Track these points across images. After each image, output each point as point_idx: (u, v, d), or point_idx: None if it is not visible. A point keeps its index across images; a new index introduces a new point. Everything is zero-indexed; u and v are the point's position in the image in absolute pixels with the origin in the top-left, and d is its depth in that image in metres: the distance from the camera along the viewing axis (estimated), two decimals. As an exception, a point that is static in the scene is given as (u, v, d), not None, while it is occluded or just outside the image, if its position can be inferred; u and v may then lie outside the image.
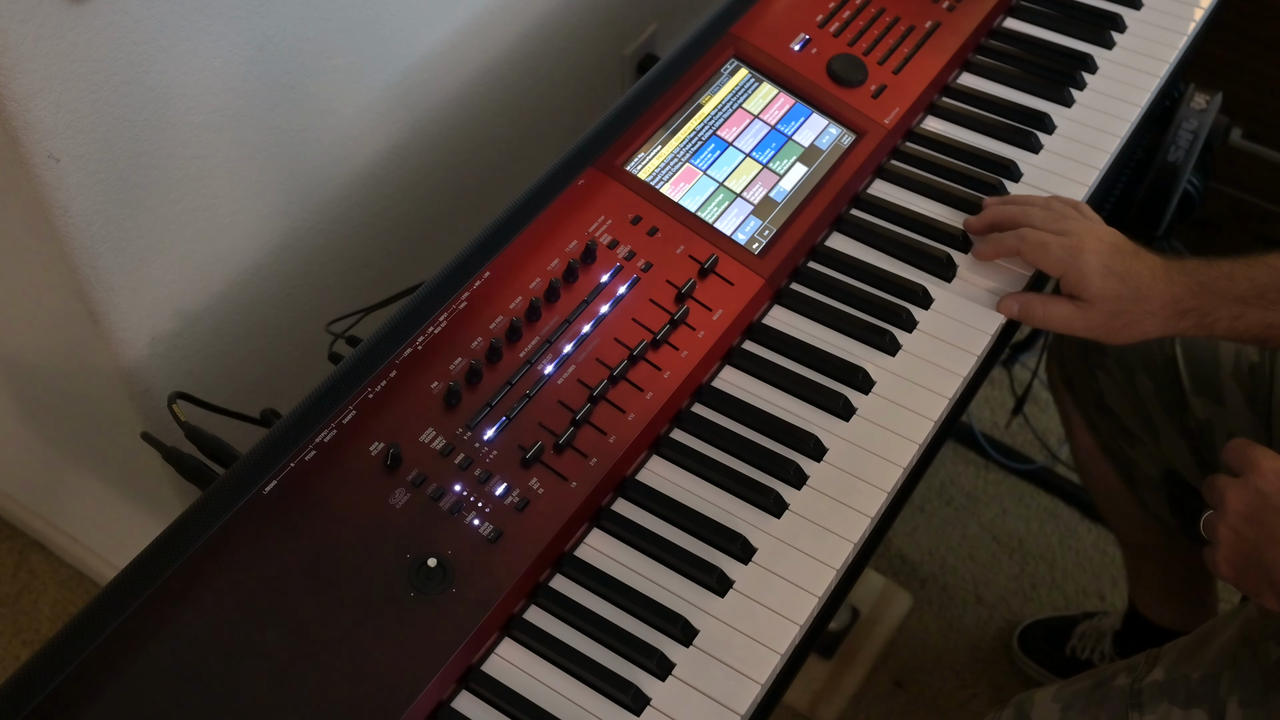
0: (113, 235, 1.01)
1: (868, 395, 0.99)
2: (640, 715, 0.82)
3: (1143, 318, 1.02)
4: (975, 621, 1.76)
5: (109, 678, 0.77)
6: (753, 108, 1.13)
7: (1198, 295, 1.01)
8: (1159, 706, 1.01)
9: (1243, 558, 0.91)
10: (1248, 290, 1.01)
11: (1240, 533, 0.91)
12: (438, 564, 0.83)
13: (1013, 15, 1.30)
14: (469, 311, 0.95)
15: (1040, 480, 1.91)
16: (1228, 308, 1.01)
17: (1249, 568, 0.91)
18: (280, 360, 1.27)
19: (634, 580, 0.88)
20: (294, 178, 1.17)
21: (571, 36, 1.48)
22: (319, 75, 1.13)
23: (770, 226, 1.06)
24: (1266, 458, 0.92)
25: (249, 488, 0.85)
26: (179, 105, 1.00)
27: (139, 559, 0.82)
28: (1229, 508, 0.92)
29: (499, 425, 0.90)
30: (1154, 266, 1.02)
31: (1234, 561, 0.92)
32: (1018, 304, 1.04)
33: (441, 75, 1.30)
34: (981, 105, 1.21)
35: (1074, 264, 1.02)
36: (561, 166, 1.05)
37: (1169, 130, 1.41)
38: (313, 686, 0.78)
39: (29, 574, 1.72)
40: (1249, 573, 0.91)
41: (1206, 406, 1.24)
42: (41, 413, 1.40)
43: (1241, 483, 0.92)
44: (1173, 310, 1.02)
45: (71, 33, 0.88)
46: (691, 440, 0.96)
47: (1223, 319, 1.02)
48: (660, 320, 0.98)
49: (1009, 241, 1.05)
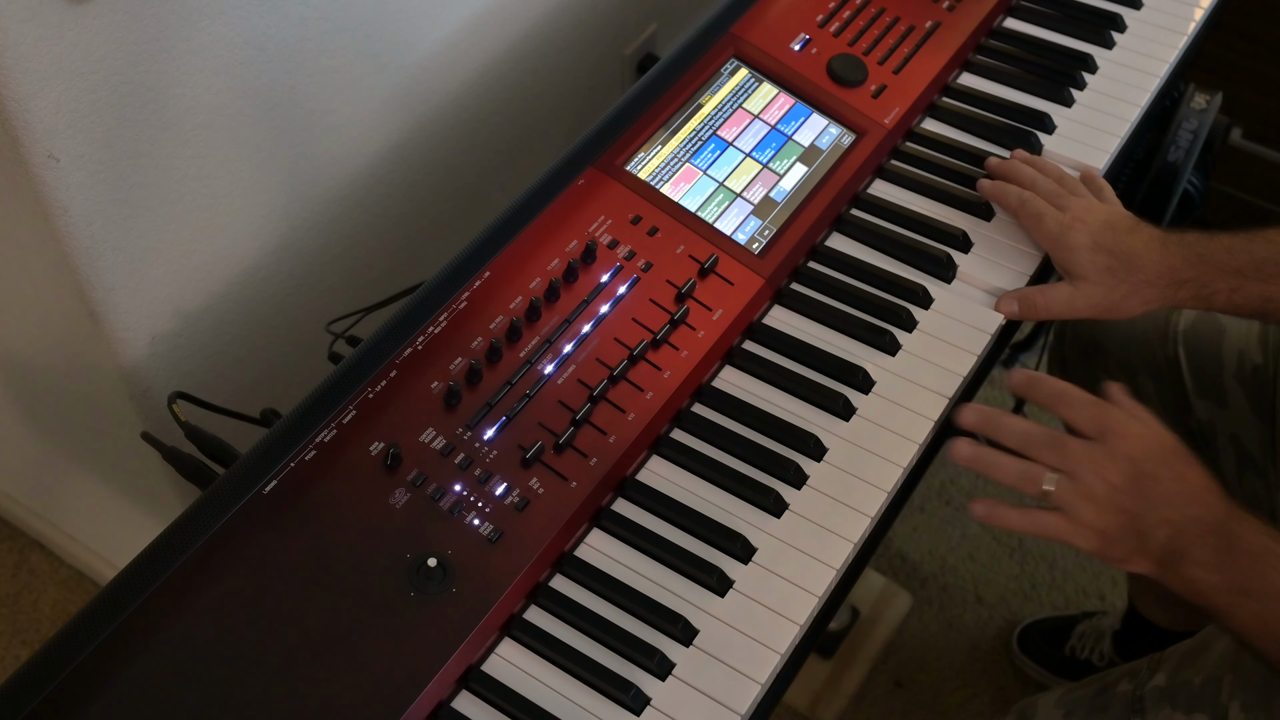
0: (113, 235, 1.01)
1: (868, 395, 0.99)
2: (640, 715, 0.82)
3: (1140, 287, 1.02)
4: (975, 621, 1.76)
5: (109, 678, 0.77)
6: (753, 107, 1.13)
7: (1195, 266, 1.02)
8: (1161, 711, 1.01)
9: (1117, 528, 0.87)
10: (1246, 263, 1.02)
11: (1115, 503, 0.86)
12: (438, 564, 0.83)
13: (1013, 15, 1.30)
14: (469, 311, 0.95)
15: (1040, 480, 1.91)
16: (1226, 280, 1.02)
17: (1121, 537, 0.87)
18: (280, 360, 1.27)
19: (634, 580, 0.88)
20: (294, 178, 1.17)
21: (571, 36, 1.48)
22: (319, 75, 1.13)
23: (770, 226, 1.06)
24: (1124, 420, 0.89)
25: (249, 488, 0.85)
26: (179, 105, 1.00)
27: (139, 559, 0.82)
28: (1098, 479, 0.87)
29: (499, 425, 0.90)
30: (1149, 239, 1.03)
31: (1106, 532, 0.87)
32: (1016, 300, 1.04)
33: (441, 75, 1.30)
34: (981, 105, 1.21)
35: (1063, 238, 1.03)
36: (561, 166, 1.05)
37: (1169, 130, 1.41)
38: (313, 686, 0.78)
39: (29, 574, 1.72)
40: (1119, 543, 0.87)
41: (1209, 408, 1.24)
42: (41, 413, 1.40)
43: (1106, 451, 0.88)
44: (1170, 280, 1.02)
45: (71, 33, 0.88)
46: (691, 440, 0.96)
47: (1221, 291, 1.02)
48: (660, 320, 0.98)
49: (1011, 198, 1.08)
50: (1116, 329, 1.31)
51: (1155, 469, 0.87)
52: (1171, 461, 0.88)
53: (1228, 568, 0.85)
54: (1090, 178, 1.11)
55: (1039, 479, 0.88)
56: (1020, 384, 0.95)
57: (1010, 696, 1.68)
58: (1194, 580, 0.85)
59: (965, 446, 0.91)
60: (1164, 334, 1.27)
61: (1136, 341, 1.29)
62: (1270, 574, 0.84)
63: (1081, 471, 0.87)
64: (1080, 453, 0.88)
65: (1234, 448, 1.23)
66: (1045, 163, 1.12)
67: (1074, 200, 1.06)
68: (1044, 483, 0.88)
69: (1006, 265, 1.08)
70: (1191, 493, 0.87)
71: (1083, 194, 1.08)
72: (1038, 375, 0.95)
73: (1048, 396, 0.93)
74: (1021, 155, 1.13)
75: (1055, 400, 0.92)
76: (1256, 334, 1.22)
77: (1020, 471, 0.89)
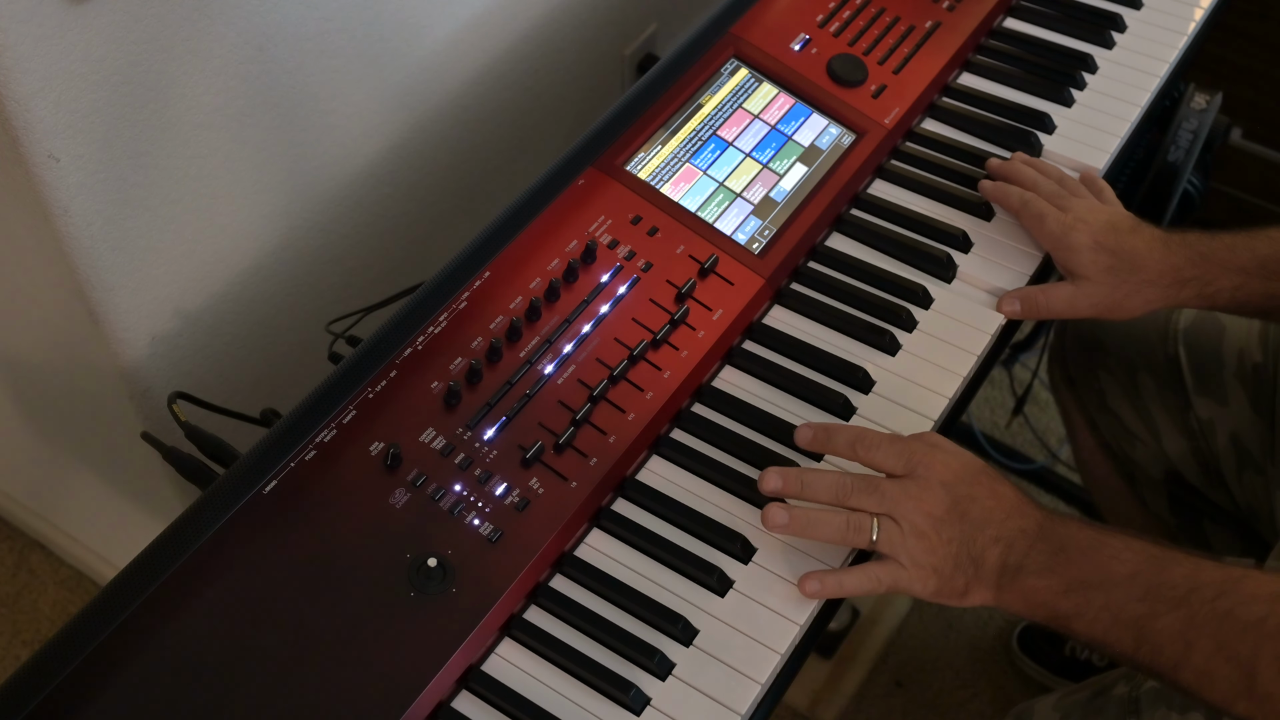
0: (113, 235, 1.01)
1: (868, 395, 0.99)
2: (640, 715, 0.82)
3: (1142, 287, 1.02)
4: (975, 621, 1.76)
5: (109, 678, 0.77)
6: (753, 107, 1.13)
7: (1198, 265, 1.02)
8: (1156, 712, 1.01)
9: (949, 560, 0.84)
10: (1249, 261, 1.01)
11: (942, 534, 0.84)
12: (438, 564, 0.83)
13: (1013, 15, 1.30)
14: (469, 311, 0.95)
15: (1040, 480, 1.91)
16: (1229, 278, 1.02)
17: (955, 570, 0.85)
18: (280, 360, 1.27)
19: (634, 580, 0.88)
20: (294, 177, 1.17)
21: (571, 36, 1.48)
22: (319, 75, 1.13)
23: (770, 226, 1.06)
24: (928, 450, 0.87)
25: (249, 488, 0.85)
26: (179, 105, 1.00)
27: (139, 559, 0.82)
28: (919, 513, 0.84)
29: (499, 425, 0.90)
30: (1151, 239, 1.03)
31: (940, 569, 0.84)
32: (1018, 300, 1.04)
33: (442, 75, 1.30)
34: (981, 105, 1.21)
35: (1064, 238, 1.03)
36: (561, 166, 1.05)
37: (1169, 130, 1.41)
38: (313, 686, 0.78)
39: (29, 574, 1.72)
40: (954, 576, 0.85)
41: (1209, 407, 1.24)
42: (41, 413, 1.40)
43: (919, 484, 0.85)
44: (1173, 279, 1.02)
45: (71, 33, 0.88)
46: (691, 440, 0.96)
47: (1224, 289, 1.02)
48: (660, 320, 0.98)
49: (1013, 198, 1.08)
50: (1116, 328, 1.31)
51: (971, 490, 0.86)
52: (983, 480, 0.87)
53: (1064, 568, 0.83)
54: (1090, 179, 1.11)
55: (866, 527, 0.85)
56: (810, 440, 0.91)
57: (1010, 696, 1.68)
58: (1035, 591, 0.84)
59: (779, 513, 0.87)
60: (1164, 333, 1.27)
61: (1137, 340, 1.29)
62: (1106, 561, 0.83)
63: (902, 510, 0.85)
64: (896, 491, 0.85)
65: (1234, 446, 1.23)
66: (1046, 164, 1.12)
67: (1075, 201, 1.06)
68: (870, 531, 0.85)
69: (1006, 265, 1.08)
70: (1010, 506, 0.86)
71: (1084, 195, 1.08)
72: (827, 426, 0.91)
73: (845, 444, 0.89)
74: (1022, 157, 1.13)
75: (855, 446, 0.89)
76: (1257, 332, 1.22)
77: (844, 525, 0.85)
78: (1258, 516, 1.24)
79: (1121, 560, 0.83)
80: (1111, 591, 0.82)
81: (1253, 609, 0.79)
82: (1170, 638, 0.80)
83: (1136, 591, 0.82)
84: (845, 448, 0.89)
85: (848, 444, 0.89)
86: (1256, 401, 1.21)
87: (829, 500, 0.87)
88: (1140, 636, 0.81)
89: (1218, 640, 0.79)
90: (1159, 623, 0.81)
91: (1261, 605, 0.79)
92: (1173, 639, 0.80)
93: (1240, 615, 0.79)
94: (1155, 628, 0.81)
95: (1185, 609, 0.80)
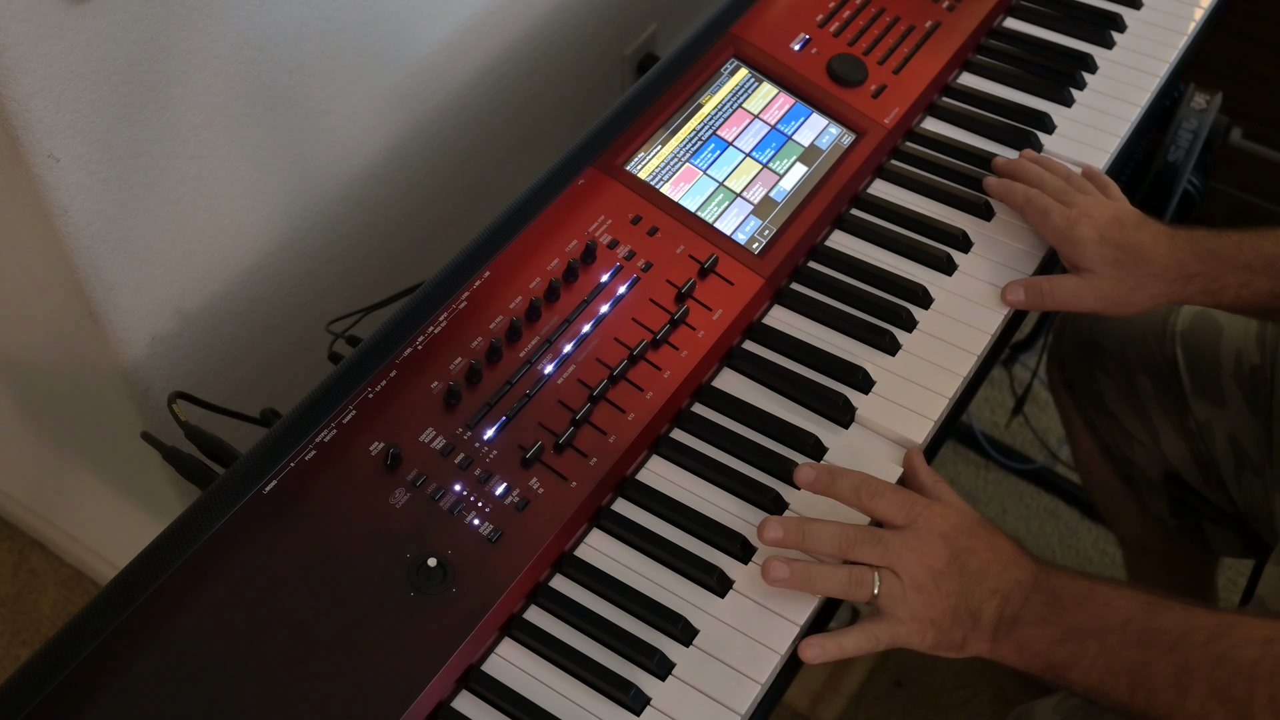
0: (113, 235, 1.01)
1: (868, 395, 0.99)
2: (640, 715, 0.82)
3: (1147, 281, 1.02)
4: (975, 621, 1.76)
5: (109, 678, 0.77)
6: (753, 107, 1.13)
7: (1204, 260, 1.02)
8: None
9: (948, 613, 0.84)
10: (1255, 259, 1.01)
11: (941, 587, 0.84)
12: (438, 564, 0.83)
13: (1013, 15, 1.30)
14: (469, 311, 0.95)
15: (1040, 480, 1.91)
16: (1235, 275, 1.01)
17: (953, 623, 0.84)
18: (280, 360, 1.27)
19: (634, 580, 0.88)
20: (294, 178, 1.17)
21: (571, 36, 1.48)
22: (319, 75, 1.13)
23: (770, 226, 1.06)
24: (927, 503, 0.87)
25: (249, 488, 0.85)
26: (179, 105, 1.00)
27: (139, 559, 0.82)
28: (920, 566, 0.84)
29: (499, 425, 0.90)
30: (1157, 234, 1.03)
31: (939, 622, 0.84)
32: (1023, 289, 1.04)
33: (442, 75, 1.30)
34: (982, 105, 1.21)
35: (1070, 233, 1.03)
36: (561, 166, 1.05)
37: (1169, 130, 1.41)
38: (313, 686, 0.78)
39: (29, 574, 1.72)
40: (952, 629, 0.84)
41: (1207, 408, 1.24)
42: (41, 413, 1.40)
43: (919, 536, 0.85)
44: (1178, 273, 1.02)
45: (71, 33, 0.88)
46: (691, 440, 0.96)
47: (1230, 286, 1.02)
48: (660, 320, 0.98)
49: (1018, 195, 1.08)
50: (1115, 329, 1.31)
51: (969, 543, 0.86)
52: (980, 533, 0.87)
53: (1059, 617, 0.83)
54: (1094, 175, 1.11)
55: (868, 581, 0.84)
56: (812, 481, 0.89)
57: (1010, 696, 1.68)
58: (1032, 641, 0.83)
59: (780, 567, 0.85)
60: (1162, 334, 1.27)
61: (1134, 341, 1.29)
62: (1100, 610, 0.83)
63: (904, 564, 0.84)
64: (898, 544, 0.85)
65: (1232, 448, 1.23)
66: (1052, 162, 1.12)
67: (1081, 197, 1.06)
68: (872, 585, 0.84)
69: (1007, 265, 1.08)
70: (1007, 558, 0.86)
71: (1090, 191, 1.08)
72: (830, 469, 0.90)
73: (850, 490, 0.88)
74: (1030, 155, 1.13)
75: (859, 492, 0.87)
76: (1254, 334, 1.22)
77: (846, 579, 0.85)
78: (1257, 517, 1.24)
79: (1114, 607, 0.83)
80: (1106, 638, 0.82)
81: (1246, 652, 0.79)
82: (1165, 683, 0.80)
83: (1130, 638, 0.82)
84: (849, 493, 0.88)
85: (852, 489, 0.88)
86: (1254, 403, 1.21)
87: (831, 552, 0.86)
88: (1135, 683, 0.81)
89: (1212, 684, 0.79)
90: (1153, 668, 0.81)
91: (1255, 648, 0.79)
92: (1167, 684, 0.80)
93: (1234, 658, 0.79)
94: (1150, 673, 0.81)
95: (1179, 654, 0.80)
